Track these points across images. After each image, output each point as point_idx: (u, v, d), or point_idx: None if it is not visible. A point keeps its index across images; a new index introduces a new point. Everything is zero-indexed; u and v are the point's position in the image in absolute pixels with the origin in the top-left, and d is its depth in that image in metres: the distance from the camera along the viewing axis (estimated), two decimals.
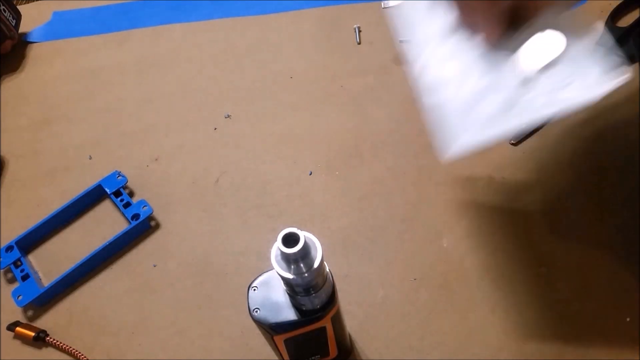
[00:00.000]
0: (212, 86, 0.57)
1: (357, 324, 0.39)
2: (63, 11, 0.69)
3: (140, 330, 0.41)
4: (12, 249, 0.45)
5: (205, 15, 0.65)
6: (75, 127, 0.56)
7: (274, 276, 0.30)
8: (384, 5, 0.34)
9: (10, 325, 0.42)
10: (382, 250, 0.43)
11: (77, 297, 0.44)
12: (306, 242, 0.26)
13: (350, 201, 0.46)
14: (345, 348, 0.36)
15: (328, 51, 0.59)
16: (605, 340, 0.36)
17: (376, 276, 0.41)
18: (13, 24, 0.63)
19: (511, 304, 0.39)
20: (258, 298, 0.29)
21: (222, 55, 0.60)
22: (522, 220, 0.43)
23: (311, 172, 0.49)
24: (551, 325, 0.38)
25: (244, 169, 0.50)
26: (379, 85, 0.54)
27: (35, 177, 0.52)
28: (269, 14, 0.64)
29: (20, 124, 0.57)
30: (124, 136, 0.54)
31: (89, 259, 0.44)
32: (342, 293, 0.40)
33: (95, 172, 0.50)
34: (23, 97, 0.60)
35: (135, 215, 0.46)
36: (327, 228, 0.45)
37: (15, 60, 0.64)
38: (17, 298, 0.42)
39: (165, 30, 0.64)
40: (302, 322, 0.29)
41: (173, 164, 0.51)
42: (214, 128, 0.53)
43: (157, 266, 0.45)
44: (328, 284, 0.29)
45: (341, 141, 0.50)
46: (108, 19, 0.67)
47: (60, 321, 0.43)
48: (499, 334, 0.38)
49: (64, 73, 0.62)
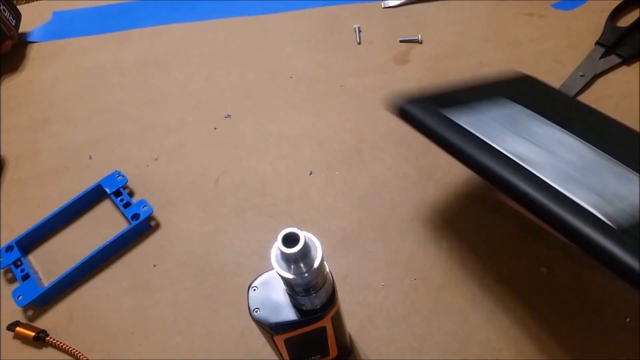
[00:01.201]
0: (212, 86, 0.57)
1: (357, 324, 0.39)
2: (63, 11, 0.69)
3: (140, 330, 0.41)
4: (12, 249, 0.45)
5: (205, 15, 0.65)
6: (75, 127, 0.56)
7: (274, 276, 0.30)
8: (384, 5, 0.34)
9: (10, 325, 0.42)
10: (382, 250, 0.43)
11: (77, 297, 0.44)
12: (306, 242, 0.26)
13: (350, 201, 0.46)
14: (345, 348, 0.36)
15: (328, 51, 0.59)
16: (605, 340, 0.36)
17: (376, 276, 0.41)
18: (13, 24, 0.63)
19: (511, 304, 0.39)
20: (258, 298, 0.29)
21: (222, 55, 0.60)
22: (523, 221, 0.43)
23: (311, 172, 0.49)
24: (551, 325, 0.38)
25: (244, 169, 0.50)
26: (379, 85, 0.54)
27: (35, 177, 0.52)
28: (269, 14, 0.64)
29: (20, 124, 0.57)
30: (124, 136, 0.54)
31: (89, 259, 0.44)
32: (342, 293, 0.41)
33: (95, 172, 0.50)
34: (23, 97, 0.60)
35: (135, 215, 0.46)
36: (327, 228, 0.45)
37: (15, 60, 0.64)
38: (17, 298, 0.42)
39: (165, 30, 0.64)
40: (302, 322, 0.29)
41: (173, 163, 0.51)
42: (214, 128, 0.53)
43: (157, 266, 0.45)
44: (328, 284, 0.29)
45: (341, 141, 0.50)
46: (108, 19, 0.67)
47: (60, 321, 0.43)
48: (499, 334, 0.38)
49: (64, 73, 0.62)
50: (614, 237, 0.27)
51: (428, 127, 0.35)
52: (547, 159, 0.33)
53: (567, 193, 0.30)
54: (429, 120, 0.35)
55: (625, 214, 0.29)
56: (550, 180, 0.31)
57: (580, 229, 0.28)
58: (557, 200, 0.29)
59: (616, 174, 0.33)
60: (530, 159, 0.32)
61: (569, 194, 0.30)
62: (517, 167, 0.32)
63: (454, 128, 0.35)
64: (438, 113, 0.36)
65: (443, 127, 0.34)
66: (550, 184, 0.30)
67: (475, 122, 0.36)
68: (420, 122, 0.35)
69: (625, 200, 0.30)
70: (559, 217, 0.28)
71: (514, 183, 0.30)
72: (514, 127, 0.36)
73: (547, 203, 0.29)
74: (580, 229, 0.28)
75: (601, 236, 0.27)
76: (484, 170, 0.32)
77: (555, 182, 0.31)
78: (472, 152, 0.33)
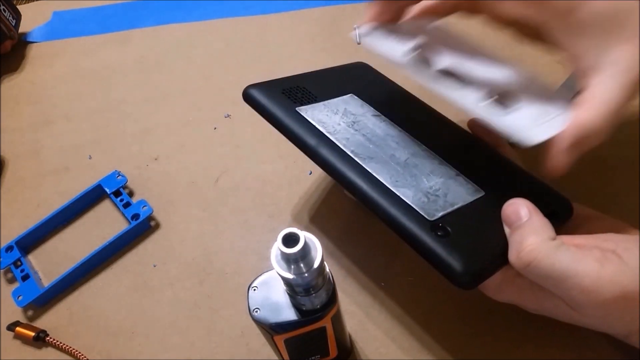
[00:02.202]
0: (212, 86, 0.57)
1: (357, 324, 0.39)
2: (63, 11, 0.69)
3: (140, 330, 0.41)
4: (12, 249, 0.46)
5: (205, 15, 0.65)
6: (75, 127, 0.56)
7: (274, 276, 0.30)
8: (357, 40, 0.35)
9: (10, 325, 0.42)
10: (382, 250, 0.43)
11: (77, 297, 0.44)
12: (306, 242, 0.26)
13: (351, 200, 0.46)
14: (345, 348, 0.36)
15: (328, 51, 0.59)
16: (605, 340, 0.36)
17: (376, 276, 0.41)
18: (13, 24, 0.63)
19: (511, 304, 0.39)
20: (258, 298, 0.29)
21: (222, 55, 0.60)
22: None
23: (311, 171, 0.49)
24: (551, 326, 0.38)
25: (244, 169, 0.50)
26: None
27: (35, 177, 0.52)
28: (269, 14, 0.64)
29: (20, 124, 0.57)
30: (124, 136, 0.54)
31: (89, 259, 0.44)
32: (342, 293, 0.41)
33: (95, 172, 0.50)
34: (23, 97, 0.60)
35: (135, 215, 0.46)
36: (327, 228, 0.45)
37: (15, 60, 0.64)
38: (17, 298, 0.42)
39: (165, 30, 0.64)
40: (302, 322, 0.29)
41: (173, 163, 0.51)
42: (214, 128, 0.53)
43: (157, 266, 0.45)
44: (328, 284, 0.29)
45: None
46: (108, 19, 0.67)
47: (60, 321, 0.43)
48: (499, 334, 0.38)
49: (64, 73, 0.62)
50: (426, 229, 0.30)
51: (267, 111, 0.37)
52: (376, 154, 0.35)
53: (391, 187, 0.32)
54: (269, 104, 0.37)
55: (440, 208, 0.32)
56: (378, 176, 0.33)
57: (401, 221, 0.31)
58: (381, 194, 0.32)
59: (435, 168, 0.36)
60: (360, 154, 0.35)
61: (393, 187, 0.32)
62: (350, 160, 0.34)
63: (295, 116, 0.37)
64: (280, 98, 0.38)
65: (283, 114, 0.37)
66: (378, 179, 0.33)
67: (316, 113, 0.38)
68: (261, 105, 0.38)
69: (441, 196, 0.33)
70: (383, 209, 0.31)
71: (346, 175, 0.33)
72: (351, 121, 0.38)
73: (374, 197, 0.32)
74: (400, 221, 0.31)
75: (417, 227, 0.30)
76: (318, 159, 0.34)
77: (382, 177, 0.33)
78: (306, 138, 0.35)
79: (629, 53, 0.29)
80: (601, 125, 0.29)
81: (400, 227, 0.30)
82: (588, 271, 0.28)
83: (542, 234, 0.29)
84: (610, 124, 0.30)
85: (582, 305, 0.29)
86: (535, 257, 0.28)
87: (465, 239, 0.30)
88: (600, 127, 0.29)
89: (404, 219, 0.31)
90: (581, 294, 0.28)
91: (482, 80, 0.34)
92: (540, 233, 0.29)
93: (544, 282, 0.29)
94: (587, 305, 0.28)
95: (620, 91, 0.29)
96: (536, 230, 0.29)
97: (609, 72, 0.29)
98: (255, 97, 0.38)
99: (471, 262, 0.29)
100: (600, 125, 0.29)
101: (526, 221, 0.30)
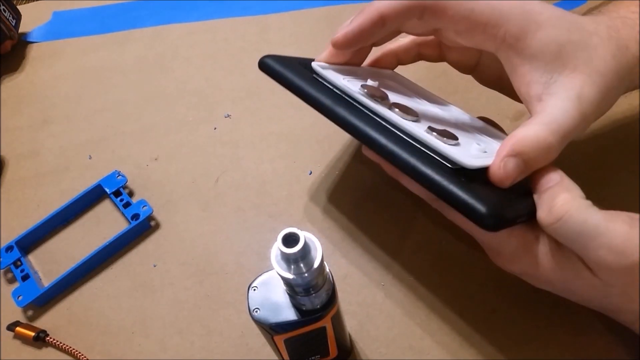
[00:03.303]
0: (212, 86, 0.57)
1: (357, 324, 0.39)
2: (63, 11, 0.69)
3: (140, 330, 0.41)
4: (12, 249, 0.46)
5: (205, 15, 0.65)
6: (75, 127, 0.56)
7: (274, 276, 0.30)
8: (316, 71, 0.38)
9: (10, 325, 0.42)
10: (382, 250, 0.43)
11: (77, 297, 0.44)
12: (306, 242, 0.26)
13: (351, 200, 0.46)
14: (345, 348, 0.36)
15: None
16: (605, 340, 0.36)
17: (376, 276, 0.41)
18: (13, 24, 0.63)
19: (512, 304, 0.39)
20: (258, 298, 0.29)
21: (222, 55, 0.60)
22: None
23: (311, 171, 0.49)
24: (551, 326, 0.38)
25: (244, 169, 0.50)
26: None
27: (35, 177, 0.52)
28: (269, 14, 0.64)
29: (20, 124, 0.57)
30: (123, 136, 0.54)
31: (89, 259, 0.44)
32: (342, 293, 0.41)
33: (95, 172, 0.50)
34: (23, 97, 0.60)
35: (135, 215, 0.46)
36: (327, 228, 0.45)
37: (15, 60, 0.64)
38: (17, 298, 0.42)
39: (165, 30, 0.64)
40: (302, 322, 0.29)
41: (173, 163, 0.51)
42: (213, 128, 0.53)
43: (157, 266, 0.45)
44: (328, 284, 0.29)
45: (341, 141, 0.50)
46: (108, 19, 0.67)
47: (60, 321, 0.43)
48: (500, 334, 0.38)
49: (64, 73, 0.62)
50: (451, 174, 0.29)
51: (287, 78, 0.36)
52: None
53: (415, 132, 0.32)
54: (289, 72, 0.36)
55: None
56: None
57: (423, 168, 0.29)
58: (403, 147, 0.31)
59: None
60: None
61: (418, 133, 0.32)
62: (375, 122, 0.33)
63: (312, 78, 0.36)
64: (300, 68, 0.37)
65: (304, 80, 0.36)
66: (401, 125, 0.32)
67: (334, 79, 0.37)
68: (279, 73, 0.36)
69: None
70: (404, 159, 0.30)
71: (373, 135, 0.32)
72: None
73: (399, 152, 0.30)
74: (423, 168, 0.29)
75: (440, 172, 0.29)
76: (342, 119, 0.34)
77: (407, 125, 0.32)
78: (328, 101, 0.35)
79: (580, 81, 0.30)
80: (546, 138, 0.29)
81: (423, 172, 0.30)
82: (619, 231, 0.27)
83: (575, 192, 0.29)
84: (557, 141, 0.29)
85: (608, 267, 0.28)
86: (567, 211, 0.28)
87: (489, 189, 0.30)
88: (546, 140, 0.29)
89: (426, 166, 0.30)
90: (610, 254, 0.27)
91: (426, 116, 0.35)
92: (573, 191, 0.29)
93: (572, 240, 0.28)
94: (614, 268, 0.28)
95: (573, 111, 0.29)
96: (569, 189, 0.29)
97: (563, 95, 0.30)
98: (271, 63, 0.37)
99: (496, 206, 0.28)
100: (546, 138, 0.29)
101: (558, 182, 0.30)
